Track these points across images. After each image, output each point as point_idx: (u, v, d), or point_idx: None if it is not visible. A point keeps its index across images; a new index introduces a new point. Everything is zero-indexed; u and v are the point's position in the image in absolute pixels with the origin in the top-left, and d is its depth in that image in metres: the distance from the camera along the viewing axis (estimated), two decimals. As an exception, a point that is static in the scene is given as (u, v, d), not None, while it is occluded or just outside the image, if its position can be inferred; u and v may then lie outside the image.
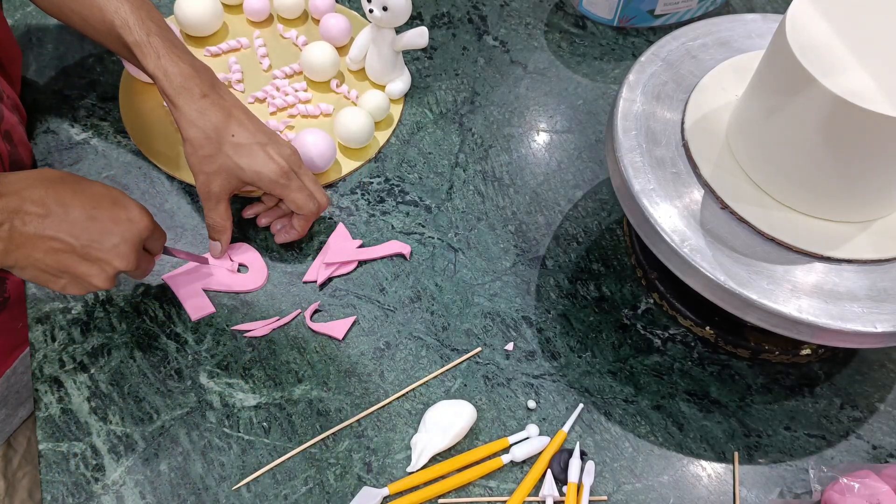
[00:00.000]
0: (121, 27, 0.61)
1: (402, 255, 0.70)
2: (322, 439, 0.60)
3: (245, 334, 0.64)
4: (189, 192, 0.72)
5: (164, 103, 0.61)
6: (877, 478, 0.56)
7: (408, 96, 0.81)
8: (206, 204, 0.64)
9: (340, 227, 0.70)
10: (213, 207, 0.64)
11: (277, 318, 0.65)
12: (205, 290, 0.66)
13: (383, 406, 0.62)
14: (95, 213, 0.53)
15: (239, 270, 0.67)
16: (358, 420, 0.61)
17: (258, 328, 0.64)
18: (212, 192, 0.63)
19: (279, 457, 0.59)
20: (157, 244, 0.60)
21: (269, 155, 0.62)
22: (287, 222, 0.68)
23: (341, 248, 0.69)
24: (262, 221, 0.69)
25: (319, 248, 0.69)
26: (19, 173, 0.53)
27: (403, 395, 0.62)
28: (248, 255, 0.68)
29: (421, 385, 0.63)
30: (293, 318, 0.65)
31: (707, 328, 0.65)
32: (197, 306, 0.65)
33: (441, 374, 0.63)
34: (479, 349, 0.64)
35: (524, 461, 0.60)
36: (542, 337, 0.66)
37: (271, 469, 0.58)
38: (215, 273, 0.67)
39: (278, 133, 0.67)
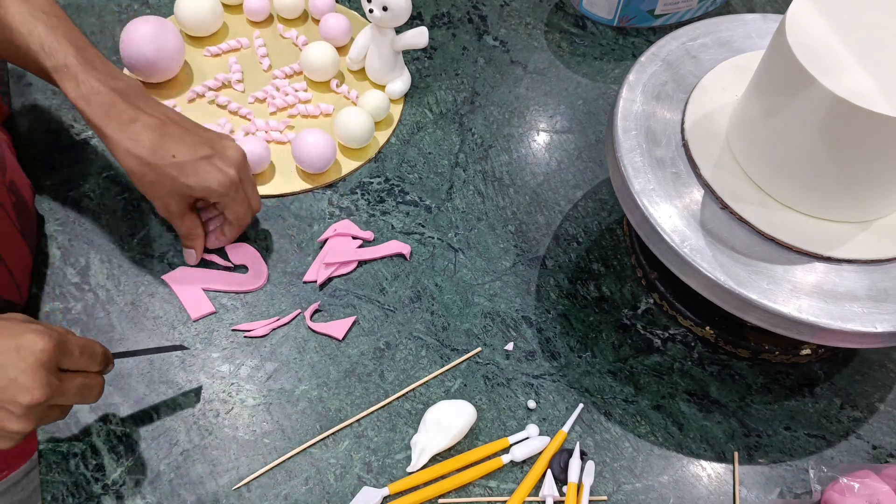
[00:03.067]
0: (36, 52, 0.57)
1: (402, 255, 0.70)
2: (322, 439, 0.60)
3: (245, 334, 0.64)
4: (189, 192, 0.72)
5: (93, 132, 0.59)
6: (877, 478, 0.56)
7: (408, 96, 0.81)
8: (173, 221, 0.64)
9: (344, 223, 0.70)
10: (180, 223, 0.64)
11: (277, 317, 0.65)
12: (205, 290, 0.66)
13: (383, 406, 0.62)
14: None
15: (239, 270, 0.68)
16: (358, 420, 0.61)
17: (258, 328, 0.64)
18: (172, 212, 0.62)
19: (279, 457, 0.59)
20: (84, 360, 0.51)
21: (217, 167, 0.60)
22: (220, 224, 0.67)
23: (341, 248, 0.69)
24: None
25: (319, 249, 0.69)
26: None
27: (403, 395, 0.62)
28: (248, 255, 0.68)
29: (421, 385, 0.63)
30: (293, 319, 0.65)
31: (707, 328, 0.65)
32: (197, 306, 0.65)
33: (441, 374, 0.63)
34: (479, 349, 0.64)
35: (524, 461, 0.60)
36: (542, 337, 0.66)
37: (271, 469, 0.58)
38: (215, 273, 0.67)
39: (218, 130, 0.66)
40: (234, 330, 0.64)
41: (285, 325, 0.65)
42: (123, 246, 0.68)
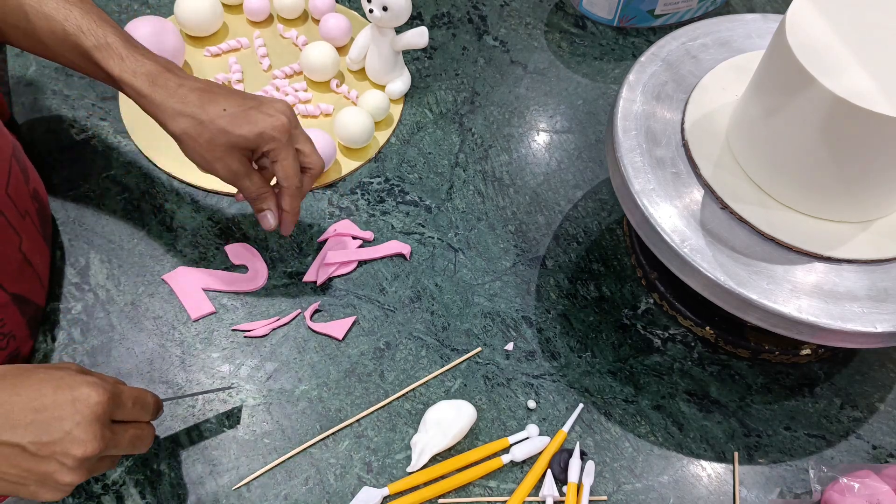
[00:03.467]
0: (75, 34, 0.57)
1: (402, 255, 0.70)
2: (322, 439, 0.60)
3: (245, 334, 0.64)
4: (189, 192, 0.72)
5: (140, 105, 0.58)
6: (877, 478, 0.56)
7: (408, 96, 0.81)
8: (239, 183, 0.60)
9: (344, 223, 0.70)
10: (245, 184, 0.60)
11: (277, 317, 0.65)
12: (205, 290, 0.66)
13: (383, 406, 0.62)
14: (38, 404, 0.46)
15: (238, 270, 0.68)
16: (358, 420, 0.61)
17: (258, 328, 0.64)
18: (236, 171, 0.59)
19: (279, 457, 0.59)
20: (136, 411, 0.51)
21: (266, 113, 0.58)
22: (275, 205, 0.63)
23: (341, 248, 0.69)
24: (241, 197, 0.64)
25: (319, 249, 0.69)
26: None
27: (403, 395, 0.62)
28: (248, 255, 0.68)
29: (421, 385, 0.63)
30: (293, 319, 0.65)
31: (707, 328, 0.65)
32: (197, 306, 0.65)
33: (441, 374, 0.63)
34: (479, 349, 0.64)
35: (524, 461, 0.60)
36: (542, 337, 0.66)
37: (271, 469, 0.58)
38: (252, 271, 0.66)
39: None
40: (234, 330, 0.64)
41: (285, 325, 0.65)
42: (123, 246, 0.68)
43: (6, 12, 0.59)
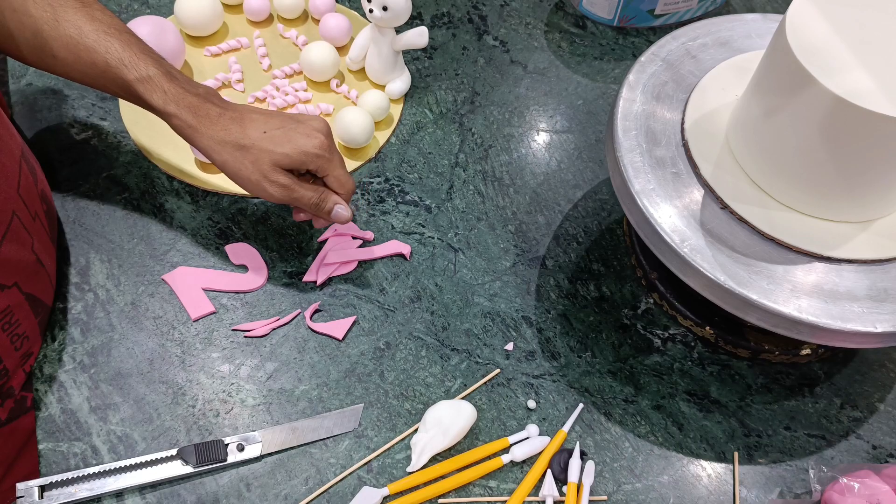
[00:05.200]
0: (116, 67, 0.58)
1: (402, 255, 0.70)
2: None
3: (245, 334, 0.64)
4: (189, 192, 0.72)
5: (183, 136, 0.60)
6: (877, 478, 0.56)
7: (408, 96, 0.81)
8: (296, 196, 0.61)
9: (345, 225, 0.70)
10: (304, 194, 0.61)
11: (277, 317, 0.65)
12: (205, 290, 0.66)
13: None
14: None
15: (239, 270, 0.67)
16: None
17: (258, 328, 0.64)
18: (286, 185, 0.60)
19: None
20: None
21: (305, 133, 0.60)
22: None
23: (341, 248, 0.69)
24: (301, 216, 0.66)
25: (319, 248, 0.69)
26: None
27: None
28: (249, 255, 0.68)
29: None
30: (293, 319, 0.65)
31: (707, 328, 0.65)
32: (197, 306, 0.65)
33: (466, 394, 0.63)
34: (497, 371, 0.64)
35: (524, 461, 0.60)
36: (542, 337, 0.66)
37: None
38: (219, 277, 0.67)
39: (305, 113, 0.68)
40: (234, 330, 0.64)
41: (285, 325, 0.65)
42: (123, 246, 0.68)
43: (53, 45, 0.59)
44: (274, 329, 0.65)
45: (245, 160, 0.59)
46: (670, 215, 0.56)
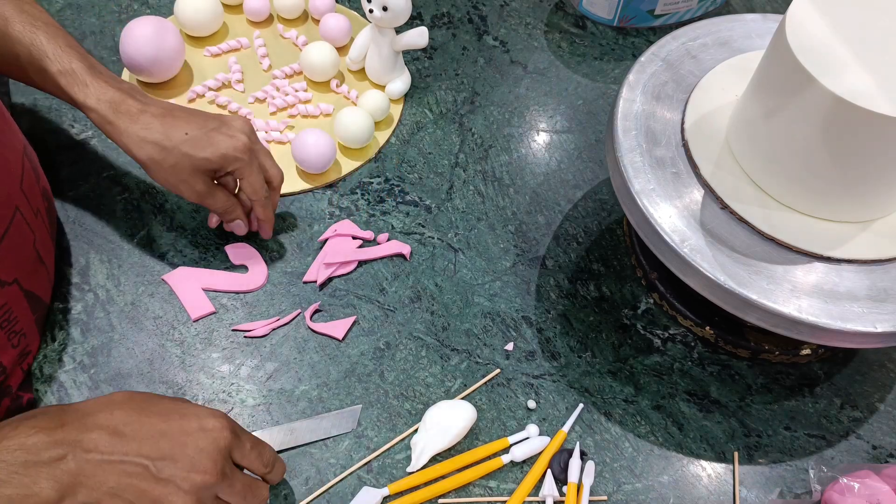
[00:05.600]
0: (40, 59, 0.58)
1: (402, 255, 0.70)
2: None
3: (245, 334, 0.64)
4: (189, 192, 0.72)
5: (104, 131, 0.60)
6: (877, 478, 0.56)
7: (408, 96, 0.81)
8: (205, 202, 0.63)
9: (344, 223, 0.70)
10: (213, 201, 0.63)
11: (277, 318, 0.65)
12: (205, 290, 0.66)
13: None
14: (166, 428, 0.47)
15: (239, 270, 0.67)
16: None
17: (258, 328, 0.64)
18: (200, 192, 0.62)
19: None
20: (253, 456, 0.51)
21: (227, 134, 0.61)
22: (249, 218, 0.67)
23: (341, 248, 0.69)
24: (213, 221, 0.68)
25: (319, 249, 0.69)
26: (87, 401, 0.48)
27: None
28: (248, 255, 0.68)
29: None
30: (293, 319, 0.65)
31: (707, 328, 0.65)
32: (197, 306, 0.65)
33: (466, 394, 0.63)
34: (497, 371, 0.64)
35: (524, 461, 0.60)
36: (542, 337, 0.66)
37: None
38: (217, 274, 0.67)
39: (226, 114, 0.67)
40: (234, 330, 0.64)
41: (285, 325, 0.65)
42: (123, 246, 0.68)
43: None
44: (274, 329, 0.65)
45: (165, 162, 0.60)
46: (670, 215, 0.56)
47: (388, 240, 0.70)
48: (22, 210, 0.58)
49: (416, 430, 0.60)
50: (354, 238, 0.70)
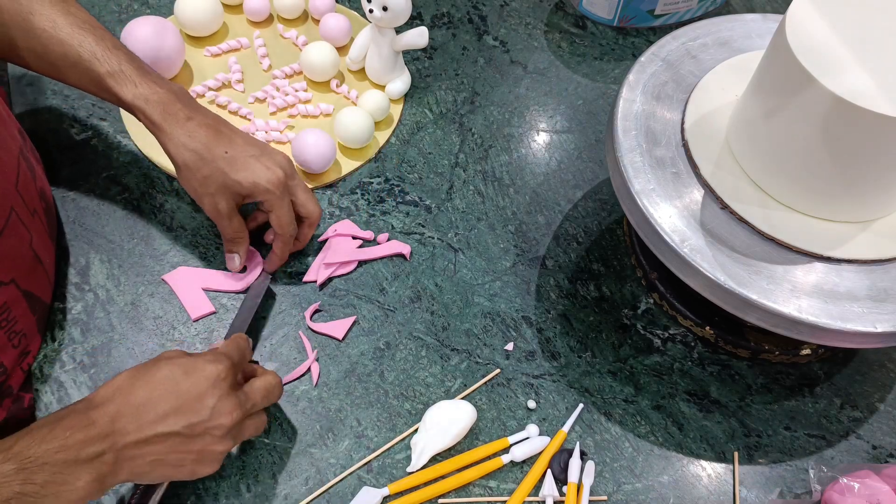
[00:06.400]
0: (89, 60, 0.59)
1: (402, 255, 0.70)
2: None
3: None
4: (189, 192, 0.72)
5: (149, 130, 0.61)
6: (877, 478, 0.56)
7: (408, 96, 0.81)
8: (220, 222, 0.63)
9: (344, 223, 0.70)
10: (227, 224, 0.63)
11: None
12: (204, 290, 0.66)
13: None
14: (178, 391, 0.50)
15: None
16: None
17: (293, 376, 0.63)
18: (221, 211, 0.62)
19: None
20: (245, 361, 0.57)
21: (265, 165, 0.61)
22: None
23: (341, 248, 0.69)
24: (269, 237, 0.69)
25: (319, 248, 0.69)
26: (97, 393, 0.50)
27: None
28: (248, 254, 0.68)
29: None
30: (302, 375, 0.65)
31: (707, 328, 0.65)
32: (196, 306, 0.65)
33: (466, 394, 0.63)
34: (497, 371, 0.64)
35: (524, 461, 0.60)
36: (542, 337, 0.66)
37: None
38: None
39: (268, 144, 0.67)
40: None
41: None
42: (123, 246, 0.68)
43: (22, 36, 0.60)
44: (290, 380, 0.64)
45: (199, 171, 0.60)
46: (670, 215, 0.56)
47: (388, 240, 0.70)
48: (17, 210, 0.58)
49: (416, 430, 0.60)
50: (354, 238, 0.70)
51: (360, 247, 0.70)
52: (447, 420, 0.59)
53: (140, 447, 0.49)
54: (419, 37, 0.74)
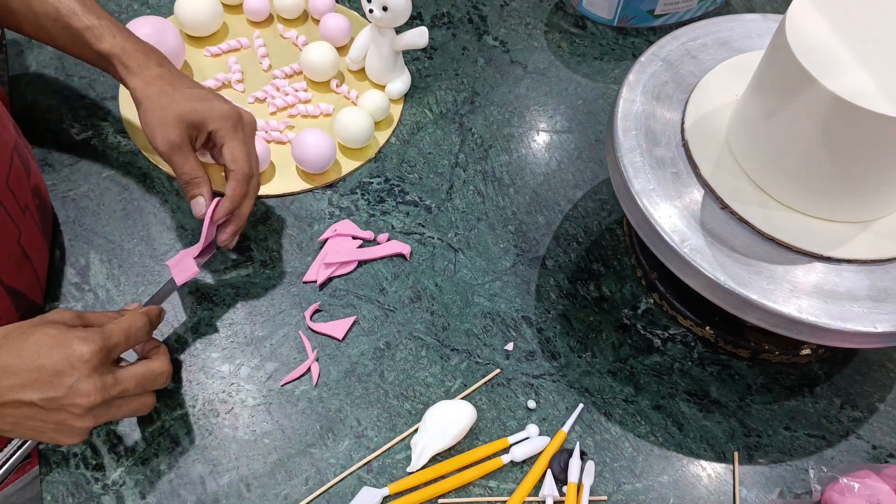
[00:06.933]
0: (67, 15, 0.62)
1: (402, 255, 0.70)
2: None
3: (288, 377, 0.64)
4: (189, 192, 0.72)
5: (119, 79, 0.63)
6: (877, 478, 0.56)
7: (408, 96, 0.81)
8: (174, 159, 0.61)
9: (344, 223, 0.70)
10: (182, 162, 0.61)
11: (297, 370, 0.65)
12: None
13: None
14: (39, 363, 0.49)
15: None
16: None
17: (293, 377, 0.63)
18: (174, 143, 0.60)
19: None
20: (133, 341, 0.54)
21: (224, 102, 0.62)
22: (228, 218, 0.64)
23: (341, 248, 0.69)
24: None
25: (319, 248, 0.69)
26: None
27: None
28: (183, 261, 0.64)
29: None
30: (302, 374, 0.65)
31: (707, 328, 0.65)
32: (182, 269, 0.62)
33: (466, 394, 0.63)
34: (497, 371, 0.64)
35: (524, 461, 0.60)
36: (542, 337, 0.66)
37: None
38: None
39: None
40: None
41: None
42: (123, 246, 0.68)
43: None
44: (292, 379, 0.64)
45: (158, 102, 0.61)
46: (670, 215, 0.56)
47: (388, 240, 0.70)
48: (6, 206, 0.58)
49: (416, 430, 0.60)
50: (354, 238, 0.70)
51: (360, 247, 0.70)
52: (447, 420, 0.59)
53: None
54: (419, 37, 0.74)
